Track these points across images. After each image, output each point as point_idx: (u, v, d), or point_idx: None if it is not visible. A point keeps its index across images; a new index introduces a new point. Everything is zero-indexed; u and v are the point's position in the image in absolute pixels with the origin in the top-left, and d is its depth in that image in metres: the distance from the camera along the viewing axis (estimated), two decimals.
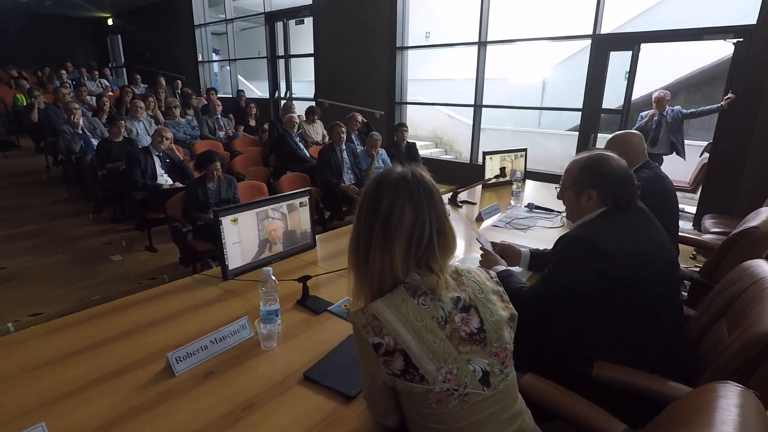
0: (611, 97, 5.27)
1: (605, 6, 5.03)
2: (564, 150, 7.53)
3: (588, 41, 5.21)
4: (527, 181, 3.67)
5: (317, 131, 5.97)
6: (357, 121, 5.65)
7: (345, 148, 4.56)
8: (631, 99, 5.03)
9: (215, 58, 11.39)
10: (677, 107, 4.86)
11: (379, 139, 4.88)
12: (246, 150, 5.52)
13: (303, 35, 9.14)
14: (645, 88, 6.61)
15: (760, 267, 1.36)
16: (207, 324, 1.43)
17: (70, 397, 1.09)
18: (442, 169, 6.67)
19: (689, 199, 5.22)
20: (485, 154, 3.39)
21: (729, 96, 4.27)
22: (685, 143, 4.89)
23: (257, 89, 11.05)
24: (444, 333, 0.87)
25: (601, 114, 5.29)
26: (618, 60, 5.06)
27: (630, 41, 4.87)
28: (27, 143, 6.94)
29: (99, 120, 5.30)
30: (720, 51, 7.14)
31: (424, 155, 5.65)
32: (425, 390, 0.84)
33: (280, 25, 8.85)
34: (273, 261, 1.85)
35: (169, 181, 4.05)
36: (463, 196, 3.04)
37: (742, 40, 4.24)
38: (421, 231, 0.88)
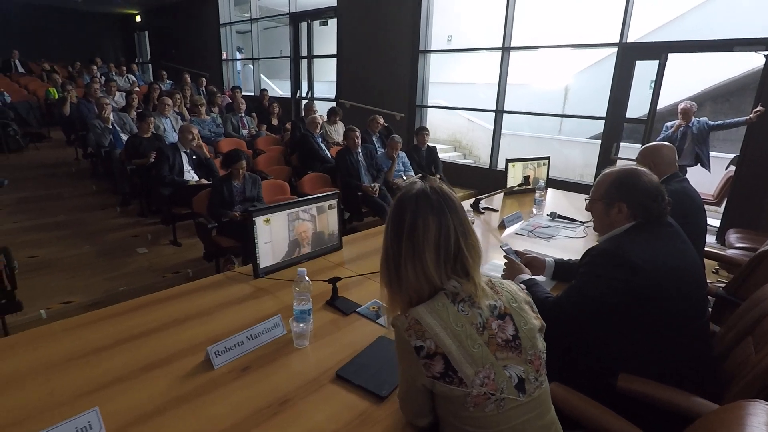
0: (635, 106, 5.22)
1: (632, 14, 4.99)
2: (584, 158, 7.47)
3: (613, 49, 5.18)
4: (548, 189, 3.67)
5: (338, 132, 6.03)
6: (378, 123, 5.71)
7: (361, 150, 4.61)
8: (656, 109, 4.99)
9: (238, 56, 11.54)
10: (704, 118, 4.79)
11: (400, 142, 4.94)
12: (268, 149, 5.61)
13: (325, 36, 9.25)
14: (670, 97, 6.52)
15: None
16: (240, 320, 1.49)
17: (117, 384, 1.16)
18: (460, 173, 6.71)
19: (713, 212, 5.13)
20: (508, 161, 3.40)
21: (758, 109, 4.20)
22: (711, 155, 4.83)
23: (278, 88, 11.18)
24: (482, 339, 0.90)
25: (625, 123, 5.25)
26: (643, 68, 5.01)
27: (657, 51, 4.82)
28: (57, 135, 7.15)
29: (128, 115, 5.45)
30: (749, 61, 7.01)
31: (442, 159, 5.66)
32: (464, 393, 0.88)
33: (304, 26, 8.95)
34: (301, 261, 1.91)
35: (195, 178, 4.16)
36: (485, 202, 3.06)
37: None
38: (447, 236, 0.93)
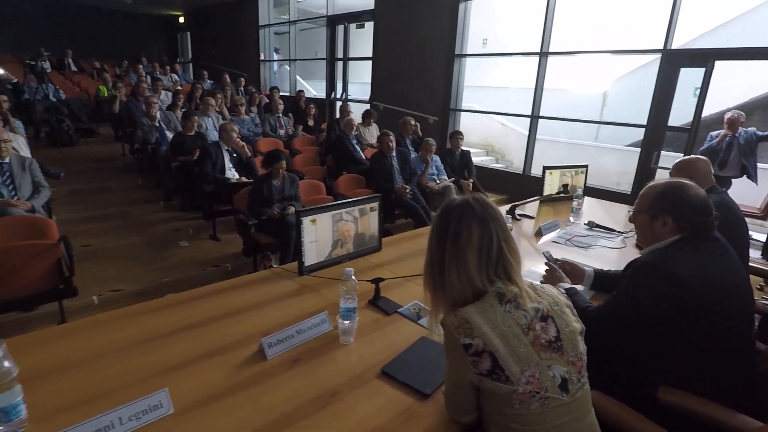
0: (676, 114, 5.07)
1: (678, 20, 4.86)
2: (621, 166, 7.27)
3: (656, 55, 5.05)
4: (585, 198, 3.63)
5: (372, 134, 6.11)
6: (410, 125, 5.74)
7: (395, 153, 4.67)
8: (701, 117, 4.83)
9: (275, 57, 11.82)
10: (752, 129, 4.61)
11: (434, 145, 4.97)
12: (304, 149, 5.75)
13: (360, 38, 9.37)
14: (714, 105, 6.27)
15: None
16: (287, 315, 1.57)
17: (180, 369, 1.25)
18: (493, 178, 6.67)
19: (759, 226, 4.93)
20: (545, 168, 3.39)
21: None
22: (758, 166, 4.65)
23: (312, 88, 11.39)
24: (527, 339, 0.95)
25: (666, 131, 5.11)
26: (687, 76, 4.86)
27: (704, 58, 4.68)
28: (105, 131, 7.53)
29: (173, 113, 5.69)
30: None
31: (475, 162, 5.66)
32: (510, 390, 0.92)
33: (340, 28, 9.10)
34: (343, 261, 1.99)
35: (236, 176, 4.32)
36: (521, 209, 3.06)
37: None
38: (490, 241, 0.99)
